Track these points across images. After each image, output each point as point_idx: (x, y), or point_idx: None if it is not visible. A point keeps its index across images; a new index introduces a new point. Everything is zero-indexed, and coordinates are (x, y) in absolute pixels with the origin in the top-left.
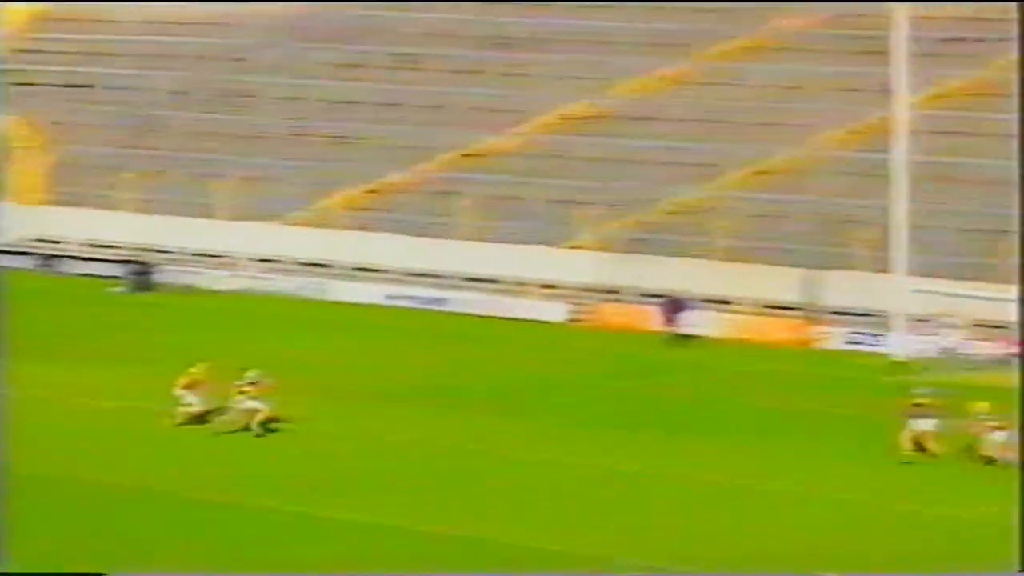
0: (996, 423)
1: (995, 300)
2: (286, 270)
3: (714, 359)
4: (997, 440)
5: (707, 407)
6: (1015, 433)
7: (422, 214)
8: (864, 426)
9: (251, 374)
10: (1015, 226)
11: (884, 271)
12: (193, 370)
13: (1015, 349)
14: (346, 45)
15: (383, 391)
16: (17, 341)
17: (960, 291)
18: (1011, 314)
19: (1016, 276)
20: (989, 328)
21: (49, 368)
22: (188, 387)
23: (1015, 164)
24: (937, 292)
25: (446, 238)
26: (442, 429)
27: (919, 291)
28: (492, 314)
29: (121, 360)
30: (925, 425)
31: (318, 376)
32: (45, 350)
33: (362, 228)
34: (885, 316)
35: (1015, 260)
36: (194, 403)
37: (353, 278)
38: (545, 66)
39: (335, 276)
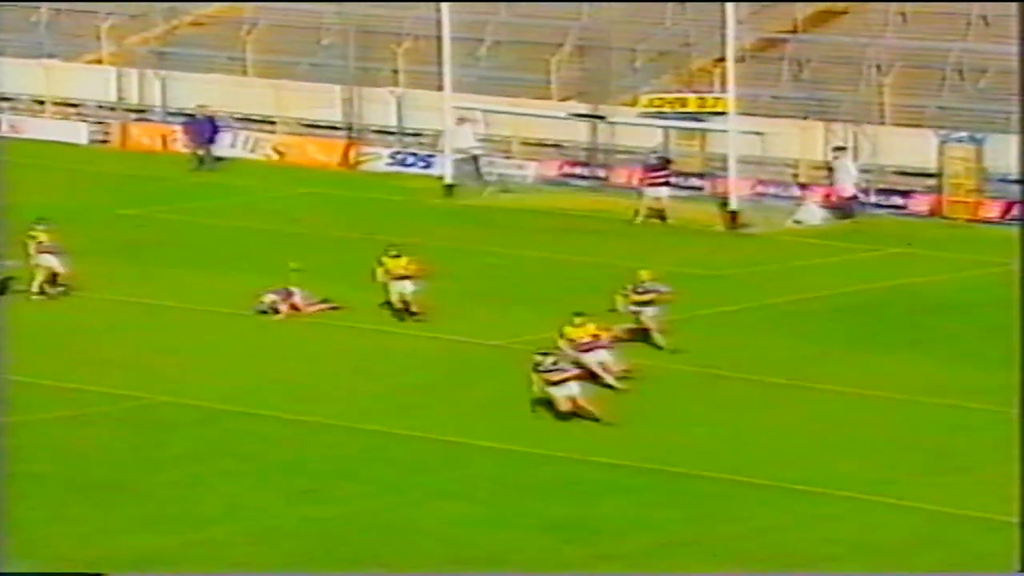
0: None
1: (545, 117)
2: None
3: (246, 183)
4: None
5: (231, 234)
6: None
7: None
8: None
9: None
10: (563, 38)
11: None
12: None
13: (569, 169)
14: None
15: None
16: None
17: (507, 108)
18: (559, 132)
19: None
20: (538, 147)
21: None
22: None
23: None
24: (483, 109)
25: None
26: None
27: (462, 107)
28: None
29: None
30: None
31: None
32: None
33: None
34: (432, 135)
35: (565, 73)
36: None
37: None
38: None
39: None
